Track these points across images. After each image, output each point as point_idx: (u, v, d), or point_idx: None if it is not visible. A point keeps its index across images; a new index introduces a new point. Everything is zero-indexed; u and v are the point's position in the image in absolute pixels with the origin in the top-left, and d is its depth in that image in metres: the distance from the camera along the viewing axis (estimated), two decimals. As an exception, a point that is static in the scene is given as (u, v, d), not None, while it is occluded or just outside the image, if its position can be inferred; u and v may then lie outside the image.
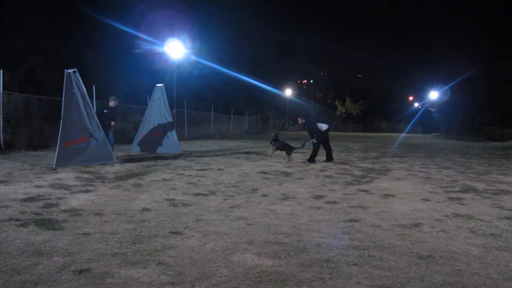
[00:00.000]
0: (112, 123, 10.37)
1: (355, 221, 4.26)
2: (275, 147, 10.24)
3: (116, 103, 10.67)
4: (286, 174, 7.94)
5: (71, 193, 5.52)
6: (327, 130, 10.41)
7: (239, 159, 11.03)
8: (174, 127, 12.20)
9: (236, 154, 12.58)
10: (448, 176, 7.90)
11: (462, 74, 32.69)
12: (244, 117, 35.95)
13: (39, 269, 2.85)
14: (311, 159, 10.19)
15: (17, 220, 4.06)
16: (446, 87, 36.82)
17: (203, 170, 8.32)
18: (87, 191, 5.72)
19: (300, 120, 10.52)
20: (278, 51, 57.05)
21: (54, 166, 7.92)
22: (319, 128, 10.18)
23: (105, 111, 10.36)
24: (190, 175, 7.47)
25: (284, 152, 10.34)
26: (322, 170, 8.64)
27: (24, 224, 3.91)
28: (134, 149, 11.74)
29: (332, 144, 11.33)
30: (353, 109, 61.15)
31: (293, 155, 10.40)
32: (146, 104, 14.66)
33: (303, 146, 10.71)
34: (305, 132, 11.22)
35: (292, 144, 10.49)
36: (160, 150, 11.75)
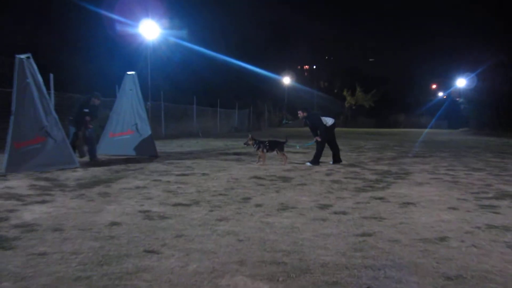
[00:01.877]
0: (87, 118, 10.26)
1: (369, 235, 4.27)
2: (263, 150, 10.24)
3: (99, 101, 10.62)
4: (285, 179, 7.95)
5: (24, 204, 5.47)
6: (333, 126, 10.46)
7: (228, 161, 11.02)
8: (148, 123, 12.15)
9: (224, 156, 12.56)
10: (480, 180, 7.96)
11: (496, 57, 32.89)
12: (234, 111, 36.05)
13: (-16, 299, 2.81)
14: (315, 161, 10.22)
15: (-43, 238, 4.01)
16: (476, 73, 37.08)
17: (184, 175, 8.30)
18: (44, 201, 5.67)
19: (300, 114, 10.52)
20: (274, 31, 57.22)
21: (3, 171, 7.84)
22: (324, 123, 10.21)
23: (85, 110, 10.25)
24: (169, 182, 7.45)
25: (275, 153, 10.41)
26: (328, 174, 8.66)
27: (-34, 244, 3.86)
28: (101, 151, 11.66)
29: (339, 143, 11.37)
30: (364, 100, 61.57)
31: (293, 156, 10.40)
32: (115, 96, 14.60)
33: (286, 141, 10.66)
34: (307, 129, 11.26)
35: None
36: (132, 152, 11.70)
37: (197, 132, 26.45)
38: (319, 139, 10.25)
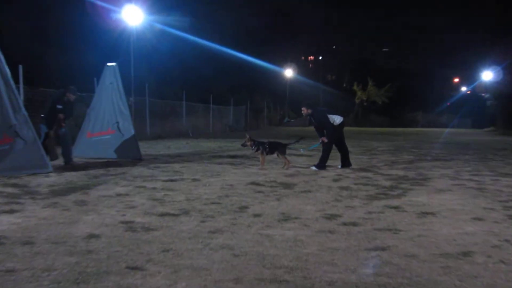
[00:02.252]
0: (61, 116, 10.21)
1: (382, 249, 4.27)
2: (263, 153, 10.27)
3: (75, 96, 10.60)
4: (287, 185, 7.96)
5: (-12, 214, 5.47)
6: (342, 125, 10.48)
7: (222, 165, 11.04)
8: (131, 122, 12.14)
9: (217, 159, 12.57)
10: (509, 187, 7.98)
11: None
12: (229, 107, 36.09)
13: None
14: (321, 165, 10.24)
15: None
16: (505, 65, 37.08)
17: (171, 181, 8.31)
18: (12, 211, 5.65)
19: (304, 111, 10.52)
20: (274, 17, 57.23)
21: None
22: (331, 121, 10.24)
23: (58, 106, 10.21)
24: (154, 188, 7.45)
25: (275, 155, 10.44)
26: (336, 180, 8.67)
27: None
28: (77, 153, 11.65)
29: (349, 144, 11.39)
30: (377, 95, 61.51)
31: (296, 159, 10.40)
32: (93, 91, 14.59)
33: (298, 141, 10.76)
34: (311, 128, 11.27)
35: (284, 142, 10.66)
36: (112, 154, 11.70)
37: (186, 131, 26.46)
38: (325, 140, 10.26)
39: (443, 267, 3.80)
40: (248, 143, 10.34)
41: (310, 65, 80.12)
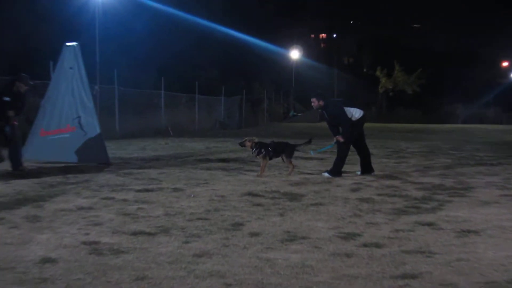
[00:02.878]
0: (10, 113, 10.15)
1: (413, 277, 4.27)
2: (265, 157, 10.26)
3: (27, 87, 10.55)
4: (292, 196, 7.96)
5: None
6: (362, 120, 10.48)
7: (211, 171, 11.03)
8: (97, 117, 12.12)
9: (204, 163, 12.56)
10: None
11: None
12: (219, 98, 36.05)
13: None
14: (335, 170, 10.26)
15: None
16: None
17: (147, 191, 8.30)
18: None
19: (315, 103, 10.52)
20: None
21: None
22: (349, 116, 10.24)
23: (5, 99, 10.13)
24: (125, 201, 7.44)
25: (280, 158, 10.45)
26: (354, 190, 8.67)
27: None
28: (29, 156, 11.61)
29: (371, 144, 11.39)
30: (406, 83, 61.47)
31: (304, 164, 10.39)
32: (49, 78, 14.54)
33: (309, 141, 10.75)
34: (323, 125, 11.27)
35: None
36: (72, 157, 11.66)
37: (166, 129, 26.40)
38: (341, 139, 10.25)
39: (489, 299, 3.80)
40: (248, 144, 10.35)
41: (322, 45, 79.95)
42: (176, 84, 30.00)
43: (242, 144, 10.55)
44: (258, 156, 10.33)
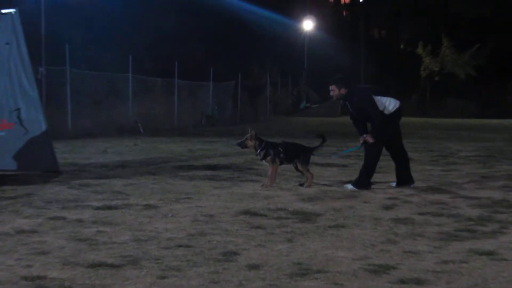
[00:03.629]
0: None
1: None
2: (275, 160, 10.27)
3: None
4: (305, 216, 7.95)
5: None
6: (398, 114, 10.47)
7: (195, 181, 11.06)
8: (42, 109, 12.09)
9: (187, 171, 12.59)
10: None
11: None
12: (206, 84, 36.08)
13: None
14: (362, 181, 10.26)
15: None
16: None
17: (109, 208, 8.29)
18: None
19: (335, 91, 10.52)
20: None
21: None
22: (379, 108, 10.21)
23: None
24: (81, 221, 7.41)
25: (293, 165, 10.47)
26: (387, 207, 8.66)
27: None
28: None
29: (410, 146, 11.34)
30: (458, 64, 61.22)
31: (321, 171, 10.35)
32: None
33: (323, 141, 10.69)
34: (346, 120, 11.24)
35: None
36: (10, 163, 11.62)
37: (135, 125, 26.41)
38: (370, 140, 10.21)
39: None
40: (250, 143, 10.31)
41: (344, 13, 79.95)
42: (148, 65, 29.99)
43: (242, 145, 10.51)
44: (264, 160, 10.29)
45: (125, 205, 8.52)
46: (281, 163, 10.34)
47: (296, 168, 10.48)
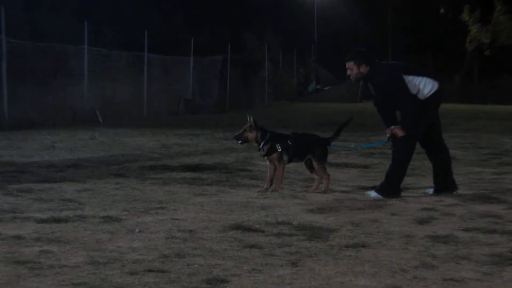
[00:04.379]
0: None
1: None
2: (282, 157, 10.32)
3: None
4: (314, 231, 7.95)
5: None
6: (436, 99, 10.50)
7: (170, 187, 11.12)
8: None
9: (160, 173, 12.64)
10: None
11: None
12: (185, 60, 36.04)
13: None
14: (389, 187, 10.30)
15: None
16: None
17: (57, 221, 8.29)
18: None
19: (353, 70, 10.53)
20: None
21: None
22: (412, 92, 10.23)
23: None
24: (20, 238, 7.40)
25: (304, 163, 10.58)
26: (422, 221, 8.67)
27: None
28: None
29: (451, 142, 11.33)
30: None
31: (336, 173, 10.40)
32: None
33: (347, 122, 10.73)
34: (368, 106, 11.27)
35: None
36: None
37: (92, 113, 26.39)
38: (400, 133, 10.22)
39: None
40: (251, 135, 10.31)
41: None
42: (110, 35, 29.99)
43: (242, 138, 10.49)
44: (269, 157, 10.28)
45: (78, 217, 8.49)
46: (290, 161, 10.35)
47: (310, 167, 10.50)
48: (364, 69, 10.36)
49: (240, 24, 45.64)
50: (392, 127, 10.26)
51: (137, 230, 7.88)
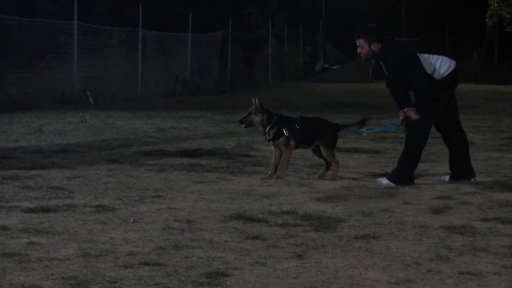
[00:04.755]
0: None
1: None
2: (289, 142, 10.32)
3: None
4: (321, 221, 7.95)
5: None
6: (453, 79, 10.49)
7: (167, 173, 11.14)
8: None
9: (156, 159, 12.66)
10: None
11: None
12: (182, 37, 36.02)
13: None
14: (402, 174, 10.31)
15: None
16: None
17: (46, 211, 8.30)
18: None
19: (364, 48, 10.53)
20: None
21: None
22: (427, 71, 10.22)
23: None
24: (4, 229, 7.41)
25: (311, 148, 10.60)
26: (437, 210, 8.67)
27: None
28: None
29: (469, 125, 11.32)
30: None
31: (345, 159, 10.40)
32: None
33: (363, 122, 10.76)
34: (381, 87, 11.26)
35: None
36: None
37: (82, 94, 26.37)
38: (414, 116, 10.22)
39: None
40: (256, 118, 10.29)
41: None
42: (101, 10, 29.95)
43: (246, 122, 10.49)
44: (274, 142, 10.27)
45: (68, 207, 8.49)
46: (296, 147, 10.36)
47: (318, 153, 10.51)
48: (375, 46, 10.35)
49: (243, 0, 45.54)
50: (406, 109, 10.26)
51: (131, 220, 7.88)
